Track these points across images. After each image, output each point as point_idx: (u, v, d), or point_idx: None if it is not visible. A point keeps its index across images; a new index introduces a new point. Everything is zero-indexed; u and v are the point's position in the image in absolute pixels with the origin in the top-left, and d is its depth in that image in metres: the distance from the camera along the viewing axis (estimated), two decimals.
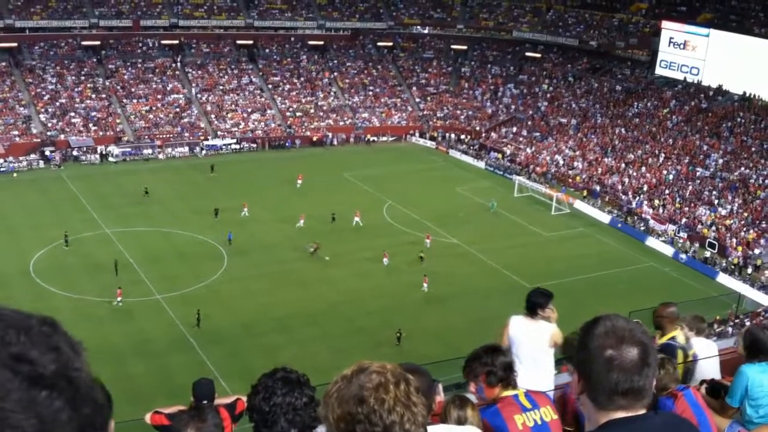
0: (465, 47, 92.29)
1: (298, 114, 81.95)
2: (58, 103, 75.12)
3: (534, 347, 7.01)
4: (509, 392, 4.93)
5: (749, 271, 50.76)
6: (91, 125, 73.44)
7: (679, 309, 7.87)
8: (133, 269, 46.19)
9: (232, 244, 50.14)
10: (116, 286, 42.51)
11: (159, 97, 79.17)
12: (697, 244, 54.54)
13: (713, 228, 55.90)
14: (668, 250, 54.35)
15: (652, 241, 55.96)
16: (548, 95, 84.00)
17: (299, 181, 63.36)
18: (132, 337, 38.52)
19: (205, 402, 7.23)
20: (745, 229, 55.07)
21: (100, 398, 1.25)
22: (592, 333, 2.34)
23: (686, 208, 59.25)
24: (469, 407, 4.72)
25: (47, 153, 68.80)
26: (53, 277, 44.48)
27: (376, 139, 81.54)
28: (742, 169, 61.79)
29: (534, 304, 7.13)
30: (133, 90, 79.26)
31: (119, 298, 41.82)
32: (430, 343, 38.43)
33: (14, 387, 1.13)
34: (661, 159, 66.57)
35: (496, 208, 60.39)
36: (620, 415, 2.29)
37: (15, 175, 64.73)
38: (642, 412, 2.31)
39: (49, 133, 71.45)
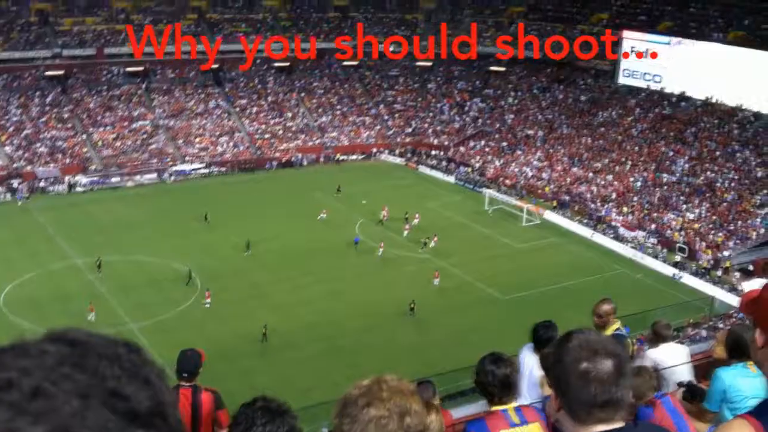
0: (430, 63, 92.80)
1: (266, 136, 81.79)
2: (23, 134, 74.20)
3: (531, 381, 6.95)
4: (499, 406, 4.93)
5: (719, 273, 51.31)
6: (57, 155, 72.69)
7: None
8: (105, 298, 45.65)
9: (359, 247, 54.16)
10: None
11: (125, 124, 78.50)
12: (666, 250, 55.10)
13: (682, 232, 56.53)
14: (637, 256, 54.88)
15: (622, 248, 56.44)
16: (514, 108, 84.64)
17: (416, 220, 60.04)
18: None
19: (185, 375, 7.03)
20: (713, 232, 55.74)
21: None
22: (566, 347, 2.35)
23: (655, 214, 59.85)
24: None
25: (14, 185, 67.92)
26: (24, 310, 43.72)
27: (345, 158, 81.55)
28: (708, 173, 62.61)
29: (548, 339, 7.02)
30: (98, 118, 78.58)
31: (208, 300, 45.06)
32: (407, 360, 38.29)
33: (114, 427, 1.03)
34: (628, 166, 67.27)
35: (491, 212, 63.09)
36: (600, 428, 2.29)
37: None
38: (621, 424, 2.32)
39: (15, 165, 70.57)
